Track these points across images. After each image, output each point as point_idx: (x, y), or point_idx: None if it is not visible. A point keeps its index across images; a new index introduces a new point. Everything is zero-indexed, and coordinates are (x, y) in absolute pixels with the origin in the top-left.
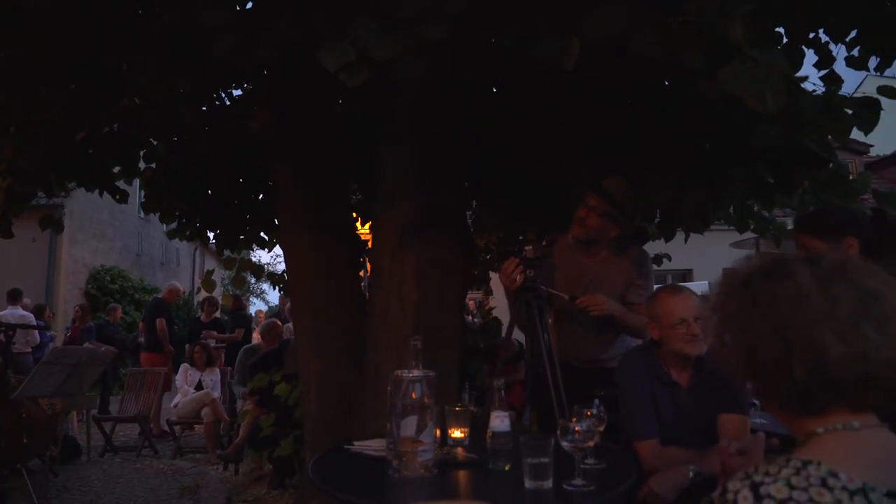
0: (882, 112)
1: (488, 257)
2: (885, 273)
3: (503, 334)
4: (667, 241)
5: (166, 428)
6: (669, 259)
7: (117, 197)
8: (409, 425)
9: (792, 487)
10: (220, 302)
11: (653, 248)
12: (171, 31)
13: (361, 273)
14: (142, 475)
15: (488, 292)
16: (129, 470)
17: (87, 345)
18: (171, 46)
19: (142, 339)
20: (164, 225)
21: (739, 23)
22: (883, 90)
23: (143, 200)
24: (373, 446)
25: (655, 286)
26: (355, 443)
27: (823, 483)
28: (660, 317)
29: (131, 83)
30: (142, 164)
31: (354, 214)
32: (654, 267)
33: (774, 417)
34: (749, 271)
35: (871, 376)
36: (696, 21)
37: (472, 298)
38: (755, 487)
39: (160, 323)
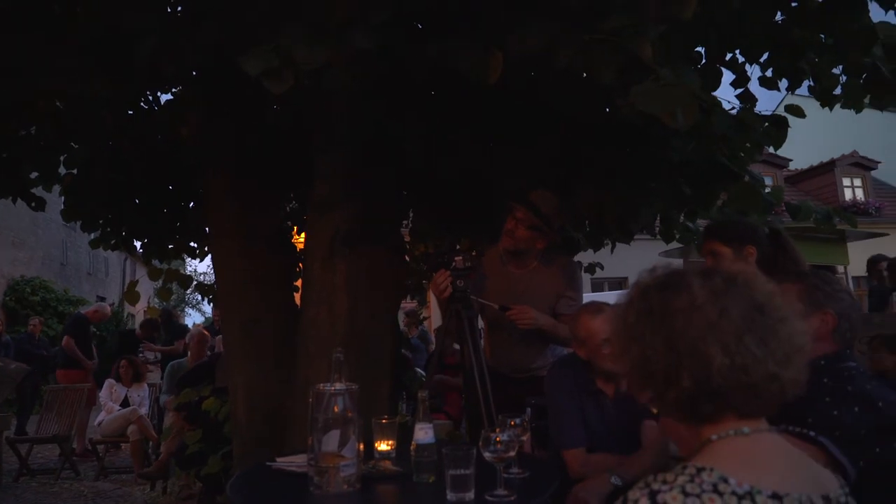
0: (800, 129)
1: (425, 268)
2: (775, 285)
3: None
4: (595, 250)
5: (90, 447)
6: (602, 268)
7: (33, 204)
8: (331, 440)
9: (686, 494)
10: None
11: (587, 257)
12: (91, 32)
13: (299, 283)
14: (59, 499)
15: (422, 302)
16: (44, 495)
17: None
18: (91, 48)
19: None
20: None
21: (649, 43)
22: (790, 109)
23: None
24: (296, 462)
25: (596, 293)
26: (278, 459)
27: (715, 489)
28: (584, 339)
29: (47, 84)
30: (62, 170)
31: (290, 223)
32: (591, 275)
33: None
34: (648, 283)
35: (751, 387)
36: (610, 39)
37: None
38: (653, 496)
39: (66, 341)
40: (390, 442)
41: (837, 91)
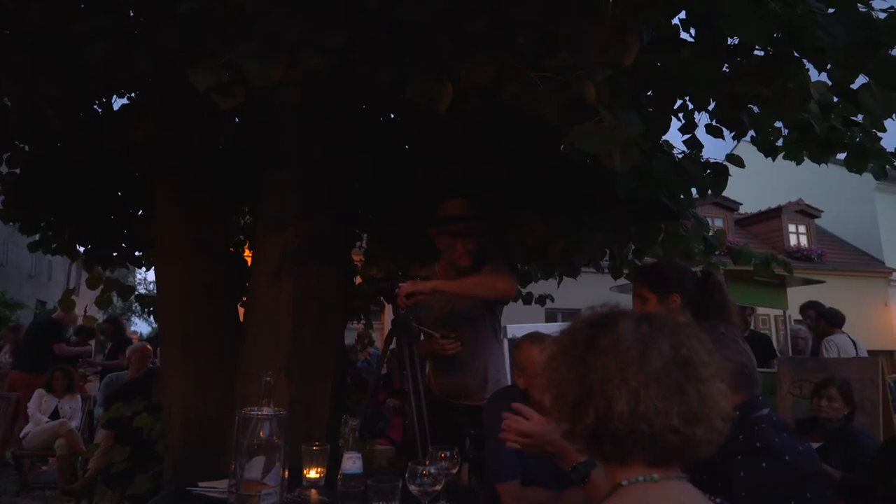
0: (753, 174)
1: (368, 292)
2: (708, 343)
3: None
4: (546, 279)
5: (10, 460)
6: (552, 300)
7: None
8: (255, 466)
9: None
10: (86, 324)
11: (540, 288)
12: (41, 31)
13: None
14: None
15: (369, 326)
16: None
17: None
18: (39, 47)
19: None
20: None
21: (593, 84)
22: (730, 158)
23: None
24: (218, 487)
25: (550, 324)
26: (200, 483)
27: None
28: (524, 367)
29: None
30: (4, 169)
31: (244, 237)
32: (542, 306)
33: None
34: (584, 319)
35: (650, 436)
36: (554, 78)
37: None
38: None
39: (59, 348)
40: (319, 469)
41: (780, 142)
